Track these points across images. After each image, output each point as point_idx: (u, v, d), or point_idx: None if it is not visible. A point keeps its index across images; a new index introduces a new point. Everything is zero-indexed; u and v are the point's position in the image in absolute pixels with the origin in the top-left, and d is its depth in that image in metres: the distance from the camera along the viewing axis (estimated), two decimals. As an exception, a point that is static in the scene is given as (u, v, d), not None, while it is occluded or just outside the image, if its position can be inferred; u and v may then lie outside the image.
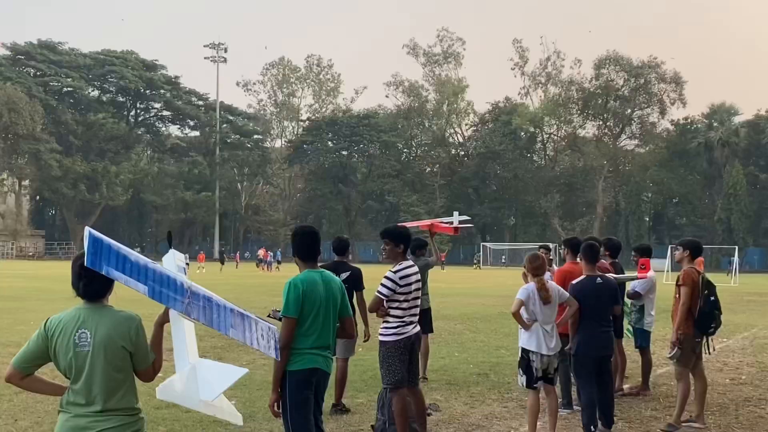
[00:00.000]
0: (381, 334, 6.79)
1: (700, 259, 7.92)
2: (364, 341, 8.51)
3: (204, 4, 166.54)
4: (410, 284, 6.70)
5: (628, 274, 9.55)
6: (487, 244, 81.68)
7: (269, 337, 4.02)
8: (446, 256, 72.97)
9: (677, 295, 7.90)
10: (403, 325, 6.68)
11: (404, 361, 6.68)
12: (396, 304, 6.70)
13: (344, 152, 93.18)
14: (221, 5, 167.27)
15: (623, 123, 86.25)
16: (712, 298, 7.83)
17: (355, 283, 8.26)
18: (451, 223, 11.63)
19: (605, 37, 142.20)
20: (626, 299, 9.80)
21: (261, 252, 61.87)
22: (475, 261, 74.94)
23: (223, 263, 57.72)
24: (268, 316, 5.25)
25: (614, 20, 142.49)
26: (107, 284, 3.76)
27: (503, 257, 77.12)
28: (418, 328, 6.87)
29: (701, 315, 7.76)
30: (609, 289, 7.56)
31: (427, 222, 11.35)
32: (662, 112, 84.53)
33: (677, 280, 7.92)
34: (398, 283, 6.65)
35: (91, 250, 3.53)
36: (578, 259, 8.78)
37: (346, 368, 8.42)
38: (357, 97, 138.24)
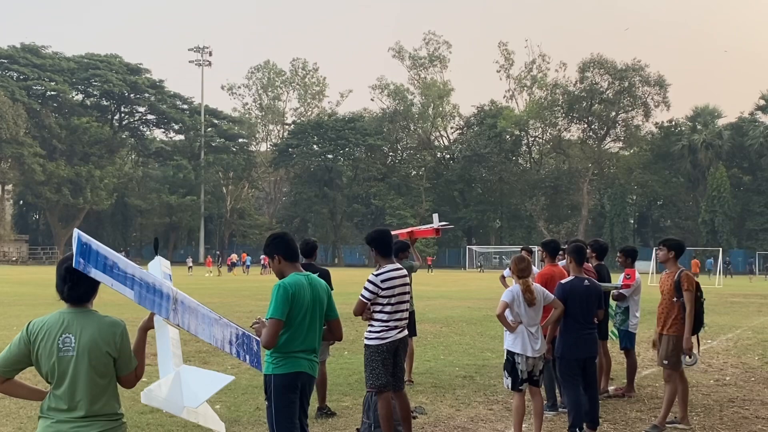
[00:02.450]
0: (365, 338, 6.80)
1: (695, 261, 7.96)
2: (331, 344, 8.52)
3: (188, 8, 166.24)
4: (393, 287, 6.68)
5: (612, 283, 9.57)
6: (473, 247, 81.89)
7: (251, 348, 4.09)
8: (432, 259, 73.25)
9: (675, 299, 7.89)
10: (387, 330, 6.67)
11: (388, 365, 6.67)
12: (379, 308, 6.69)
13: (330, 156, 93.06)
14: (205, 9, 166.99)
15: (608, 126, 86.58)
16: (703, 300, 7.96)
17: None
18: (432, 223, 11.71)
19: (590, 41, 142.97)
20: (611, 301, 9.85)
21: (234, 257, 64.63)
22: (478, 264, 75.44)
23: (220, 267, 58.28)
24: (252, 326, 5.23)
25: (599, 24, 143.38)
26: (92, 288, 3.74)
27: (494, 259, 77.46)
28: (404, 332, 6.87)
29: (695, 316, 7.84)
30: (595, 291, 7.61)
31: (406, 230, 11.40)
32: (646, 115, 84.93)
33: (677, 284, 7.85)
34: (380, 286, 6.64)
35: (79, 252, 3.51)
36: (558, 261, 8.85)
37: (324, 370, 8.42)
38: (342, 100, 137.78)
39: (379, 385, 6.68)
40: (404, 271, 6.88)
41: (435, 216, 12.19)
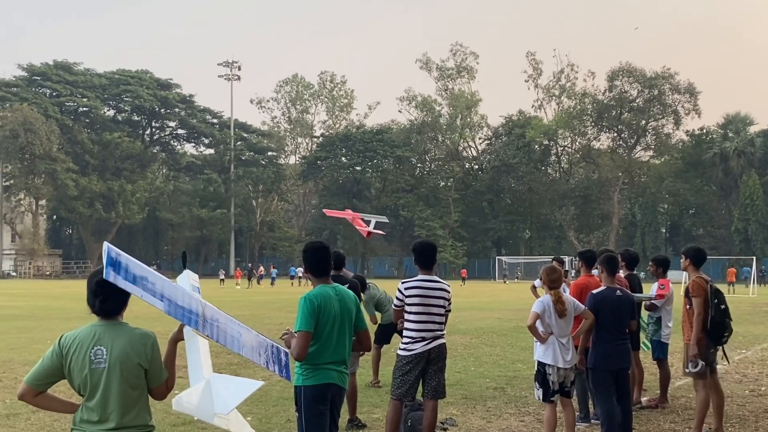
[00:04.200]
0: (398, 347, 6.88)
1: (731, 270, 7.82)
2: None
3: (217, 23, 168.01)
4: (419, 296, 6.70)
5: (645, 294, 9.46)
6: (502, 258, 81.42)
7: (280, 359, 4.13)
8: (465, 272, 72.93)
9: (687, 306, 7.84)
10: (413, 341, 6.70)
11: (411, 376, 6.68)
12: (407, 318, 6.73)
13: (358, 168, 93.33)
14: (234, 24, 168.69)
15: (638, 134, 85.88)
16: (723, 307, 7.76)
17: None
18: (369, 223, 11.64)
19: (618, 49, 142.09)
20: (643, 311, 9.74)
21: (261, 269, 65.71)
22: (514, 275, 74.96)
23: (250, 279, 58.61)
24: (281, 337, 5.25)
25: (627, 32, 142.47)
26: (123, 301, 3.78)
27: (517, 271, 76.88)
28: (436, 342, 6.83)
29: (713, 324, 7.69)
30: (628, 302, 7.53)
31: (350, 214, 11.52)
32: (677, 123, 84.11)
33: (686, 291, 7.85)
34: (404, 293, 6.71)
35: (109, 264, 3.55)
36: (594, 271, 8.76)
37: (354, 382, 8.42)
38: (370, 112, 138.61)
39: (399, 393, 6.75)
40: (438, 284, 6.86)
41: (374, 220, 12.17)
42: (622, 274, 9.14)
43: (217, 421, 3.77)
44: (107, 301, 3.72)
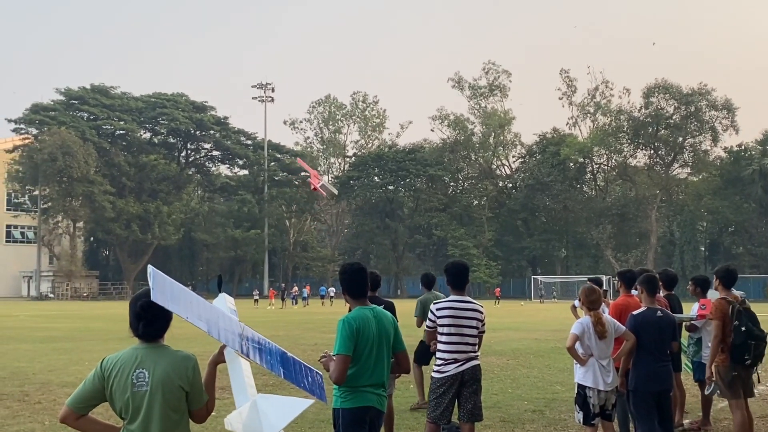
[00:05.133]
0: (432, 369, 6.85)
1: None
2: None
3: (250, 46, 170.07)
4: (451, 317, 6.66)
5: (685, 314, 9.32)
6: (538, 277, 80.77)
7: (315, 381, 4.15)
8: (500, 291, 72.50)
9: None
10: (445, 363, 6.67)
11: (446, 398, 6.64)
12: (440, 338, 6.70)
13: (391, 187, 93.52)
14: (267, 46, 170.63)
15: (675, 151, 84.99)
16: (743, 329, 7.58)
17: None
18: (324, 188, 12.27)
19: (653, 66, 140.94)
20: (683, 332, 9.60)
21: (295, 289, 66.55)
22: (550, 294, 74.33)
23: (283, 299, 58.81)
24: (320, 360, 5.24)
25: (661, 48, 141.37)
26: (166, 324, 3.82)
27: (554, 291, 76.14)
28: (469, 364, 6.78)
29: (734, 346, 7.56)
30: (668, 323, 7.42)
31: (315, 175, 12.05)
32: (714, 140, 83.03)
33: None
34: (435, 314, 6.69)
35: (156, 287, 3.58)
36: (633, 292, 8.65)
37: (391, 404, 8.38)
38: (402, 131, 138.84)
39: (434, 416, 6.73)
40: (471, 304, 6.82)
41: (327, 184, 13.02)
42: (660, 294, 9.02)
43: None
44: (152, 324, 3.75)
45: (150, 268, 3.68)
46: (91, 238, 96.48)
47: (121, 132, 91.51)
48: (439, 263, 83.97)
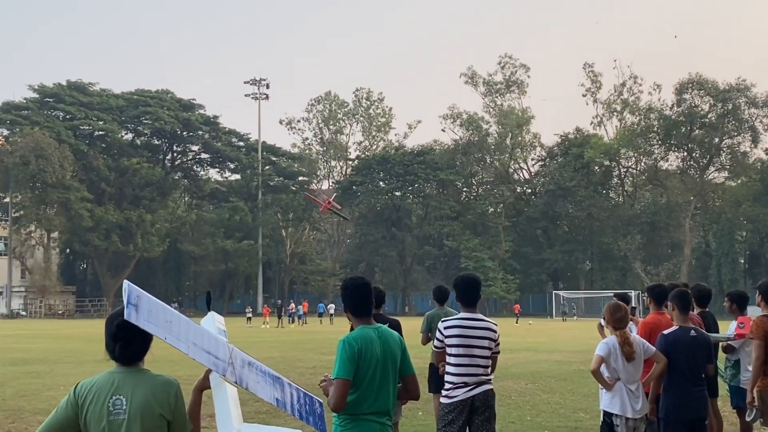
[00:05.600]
0: (441, 394, 6.85)
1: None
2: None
3: (243, 38, 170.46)
4: (459, 337, 6.64)
5: (721, 333, 9.29)
6: (560, 293, 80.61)
7: (314, 409, 4.12)
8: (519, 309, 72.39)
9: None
10: (454, 387, 6.65)
11: (455, 426, 6.64)
12: (448, 360, 6.68)
13: (397, 193, 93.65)
14: (261, 39, 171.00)
15: (711, 153, 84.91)
16: None
17: None
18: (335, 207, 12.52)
19: (686, 60, 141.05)
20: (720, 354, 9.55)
21: (292, 306, 65.90)
22: (573, 311, 74.35)
23: (280, 317, 58.66)
24: (320, 384, 5.22)
25: (695, 41, 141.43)
26: (145, 346, 3.80)
27: (574, 308, 76.05)
28: (480, 389, 6.75)
29: None
30: (703, 343, 7.38)
31: (327, 200, 12.11)
32: (754, 141, 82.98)
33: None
34: (443, 333, 6.69)
35: (130, 304, 3.57)
36: (664, 309, 8.62)
37: (396, 432, 8.39)
38: (410, 132, 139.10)
39: None
40: (483, 323, 6.78)
41: (337, 205, 13.13)
42: (694, 311, 9.00)
43: None
44: (129, 345, 3.73)
45: (125, 282, 3.66)
46: (67, 250, 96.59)
47: (101, 133, 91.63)
48: (450, 277, 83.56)
